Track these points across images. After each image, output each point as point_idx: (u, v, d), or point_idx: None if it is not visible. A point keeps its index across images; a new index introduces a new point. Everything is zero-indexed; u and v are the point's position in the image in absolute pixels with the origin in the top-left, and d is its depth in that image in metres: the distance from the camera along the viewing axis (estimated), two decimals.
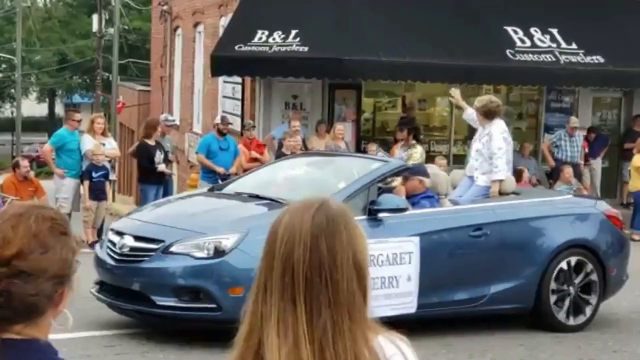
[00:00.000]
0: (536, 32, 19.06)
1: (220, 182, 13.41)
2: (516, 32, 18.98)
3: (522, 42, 18.86)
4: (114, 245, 9.57)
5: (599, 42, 19.10)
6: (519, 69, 18.46)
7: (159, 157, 16.51)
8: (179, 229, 9.43)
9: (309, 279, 2.21)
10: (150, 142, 16.61)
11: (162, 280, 9.14)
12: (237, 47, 17.84)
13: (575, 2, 19.83)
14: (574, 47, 18.98)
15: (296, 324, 2.20)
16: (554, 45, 18.94)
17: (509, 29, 18.99)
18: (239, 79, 19.90)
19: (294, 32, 17.78)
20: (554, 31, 19.14)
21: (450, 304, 9.81)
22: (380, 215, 9.57)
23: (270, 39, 17.84)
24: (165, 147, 16.86)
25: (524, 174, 17.08)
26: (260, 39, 17.88)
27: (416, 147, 14.97)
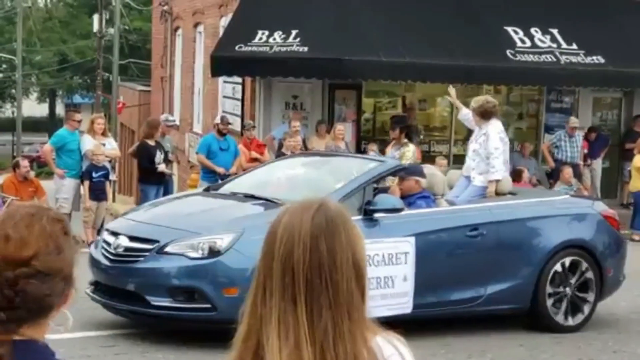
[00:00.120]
0: (536, 33, 19.05)
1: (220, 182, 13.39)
2: (516, 32, 18.97)
3: (523, 42, 18.85)
4: (109, 245, 9.55)
5: (599, 43, 19.10)
6: (519, 69, 18.45)
7: (159, 157, 16.51)
8: (174, 229, 9.41)
9: (309, 279, 2.21)
10: (150, 142, 16.61)
11: (156, 280, 9.12)
12: (237, 48, 17.84)
13: (575, 3, 19.83)
14: (575, 47, 18.97)
15: (297, 326, 2.19)
16: (555, 45, 18.94)
17: (509, 29, 18.99)
18: (239, 79, 19.89)
19: (294, 32, 17.77)
20: (554, 31, 19.14)
21: (446, 304, 9.78)
22: (376, 215, 9.55)
23: (270, 39, 17.83)
24: (165, 147, 16.85)
25: (524, 174, 17.08)
26: (260, 39, 17.87)
27: (408, 145, 14.90)
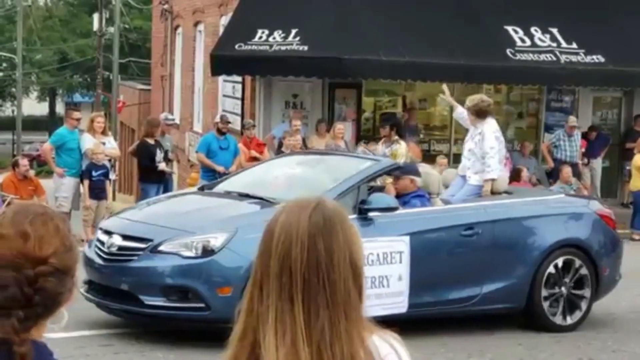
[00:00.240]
0: (536, 32, 19.04)
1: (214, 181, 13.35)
2: (516, 32, 18.97)
3: (522, 41, 18.85)
4: (103, 244, 9.52)
5: (599, 42, 19.09)
6: (519, 69, 18.44)
7: (159, 156, 16.50)
8: (168, 228, 9.37)
9: (307, 279, 2.21)
10: (150, 141, 16.60)
11: (150, 279, 9.09)
12: (237, 46, 17.83)
13: (575, 2, 19.81)
14: (574, 46, 18.96)
15: (294, 325, 2.19)
16: (554, 44, 18.93)
17: (509, 29, 18.98)
18: (239, 78, 19.89)
19: (294, 31, 17.77)
20: (554, 30, 19.13)
21: (441, 304, 9.76)
22: (370, 214, 9.53)
23: (270, 38, 17.83)
24: (164, 146, 16.84)
25: (523, 173, 17.07)
26: (260, 38, 17.87)
27: (399, 142, 14.87)
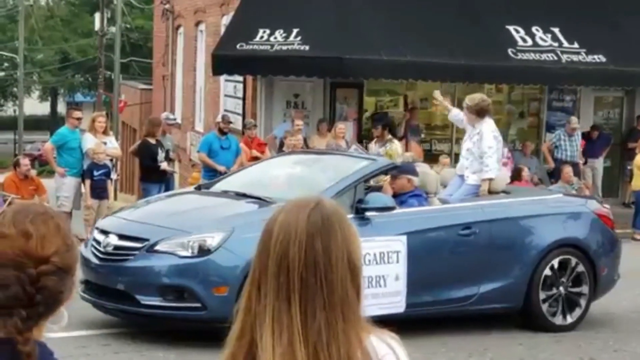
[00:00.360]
0: (538, 31, 19.03)
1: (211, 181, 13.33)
2: (518, 31, 18.95)
3: (524, 41, 18.83)
4: (99, 244, 9.50)
5: (600, 41, 19.07)
6: (520, 68, 18.43)
7: (161, 155, 16.50)
8: (164, 227, 9.36)
9: (304, 278, 2.20)
10: (151, 140, 16.60)
11: (146, 279, 9.08)
12: (238, 46, 17.83)
13: (576, 2, 19.79)
14: (576, 46, 18.95)
15: (291, 325, 2.19)
16: (556, 44, 18.92)
17: (511, 28, 18.96)
18: (240, 78, 19.88)
19: (295, 31, 17.76)
20: (556, 30, 19.11)
21: (439, 304, 9.73)
22: (367, 214, 9.50)
23: (271, 38, 17.82)
24: (166, 146, 16.84)
25: (524, 172, 17.05)
26: (261, 37, 17.86)
27: (393, 141, 14.86)
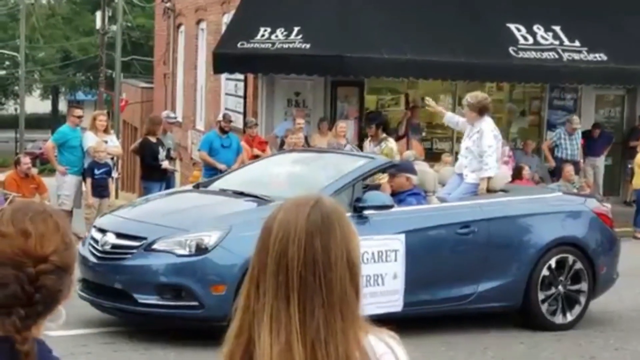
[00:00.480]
0: (539, 30, 19.01)
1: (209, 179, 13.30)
2: (519, 30, 18.94)
3: (525, 39, 18.82)
4: (97, 242, 9.49)
5: (602, 40, 19.06)
6: (521, 67, 18.41)
7: (162, 154, 16.50)
8: (162, 226, 9.35)
9: (303, 277, 2.20)
10: (152, 139, 16.59)
11: (144, 277, 9.06)
12: (239, 44, 17.82)
13: (578, 0, 19.78)
14: (577, 44, 18.94)
15: (289, 324, 2.18)
16: (557, 42, 18.90)
17: (512, 26, 18.95)
18: (241, 76, 19.88)
19: (296, 29, 17.75)
20: (557, 28, 19.10)
21: (437, 302, 9.72)
22: (365, 212, 9.48)
23: (272, 36, 17.81)
24: (167, 145, 16.83)
25: (525, 171, 17.03)
26: (262, 36, 17.85)
27: (388, 140, 14.82)
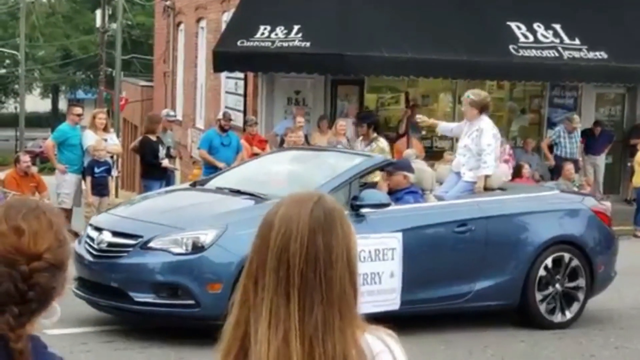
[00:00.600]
0: (539, 28, 19.00)
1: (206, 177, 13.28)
2: (519, 28, 18.93)
3: (525, 37, 18.81)
4: (93, 240, 9.47)
5: (602, 38, 19.05)
6: (522, 65, 18.41)
7: (162, 152, 16.49)
8: (158, 224, 9.33)
9: (304, 274, 2.19)
10: (152, 137, 16.59)
11: (140, 276, 9.05)
12: (239, 43, 17.81)
13: None
14: (577, 42, 18.93)
15: (288, 320, 2.17)
16: (557, 40, 18.89)
17: (512, 25, 18.94)
18: (241, 75, 19.87)
19: (296, 28, 17.74)
20: (557, 26, 19.09)
21: (434, 301, 9.69)
22: (362, 210, 9.46)
23: (272, 35, 17.80)
24: (166, 143, 16.83)
25: (525, 169, 17.01)
26: (262, 34, 17.84)
27: (379, 139, 14.83)
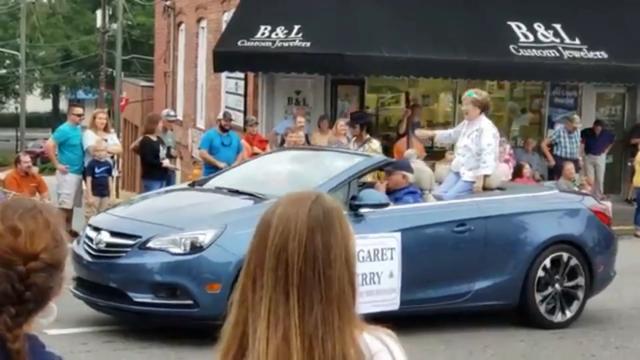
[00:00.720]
0: (539, 27, 18.99)
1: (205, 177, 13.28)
2: (520, 28, 18.92)
3: (526, 37, 18.81)
4: (91, 240, 9.46)
5: (602, 38, 19.04)
6: (522, 65, 18.40)
7: (162, 152, 16.50)
8: (156, 224, 9.32)
9: (303, 273, 2.19)
10: (152, 137, 16.59)
11: (138, 276, 9.03)
12: (239, 43, 17.80)
13: None
14: (577, 42, 18.92)
15: (288, 318, 2.17)
16: (558, 40, 18.89)
17: (513, 24, 18.93)
18: (241, 75, 19.86)
19: (296, 28, 17.74)
20: (558, 26, 19.08)
21: (433, 301, 9.69)
22: (361, 210, 9.46)
23: (272, 35, 17.79)
24: (166, 143, 16.83)
25: (525, 169, 17.00)
26: (262, 34, 17.84)
27: (372, 141, 14.83)
